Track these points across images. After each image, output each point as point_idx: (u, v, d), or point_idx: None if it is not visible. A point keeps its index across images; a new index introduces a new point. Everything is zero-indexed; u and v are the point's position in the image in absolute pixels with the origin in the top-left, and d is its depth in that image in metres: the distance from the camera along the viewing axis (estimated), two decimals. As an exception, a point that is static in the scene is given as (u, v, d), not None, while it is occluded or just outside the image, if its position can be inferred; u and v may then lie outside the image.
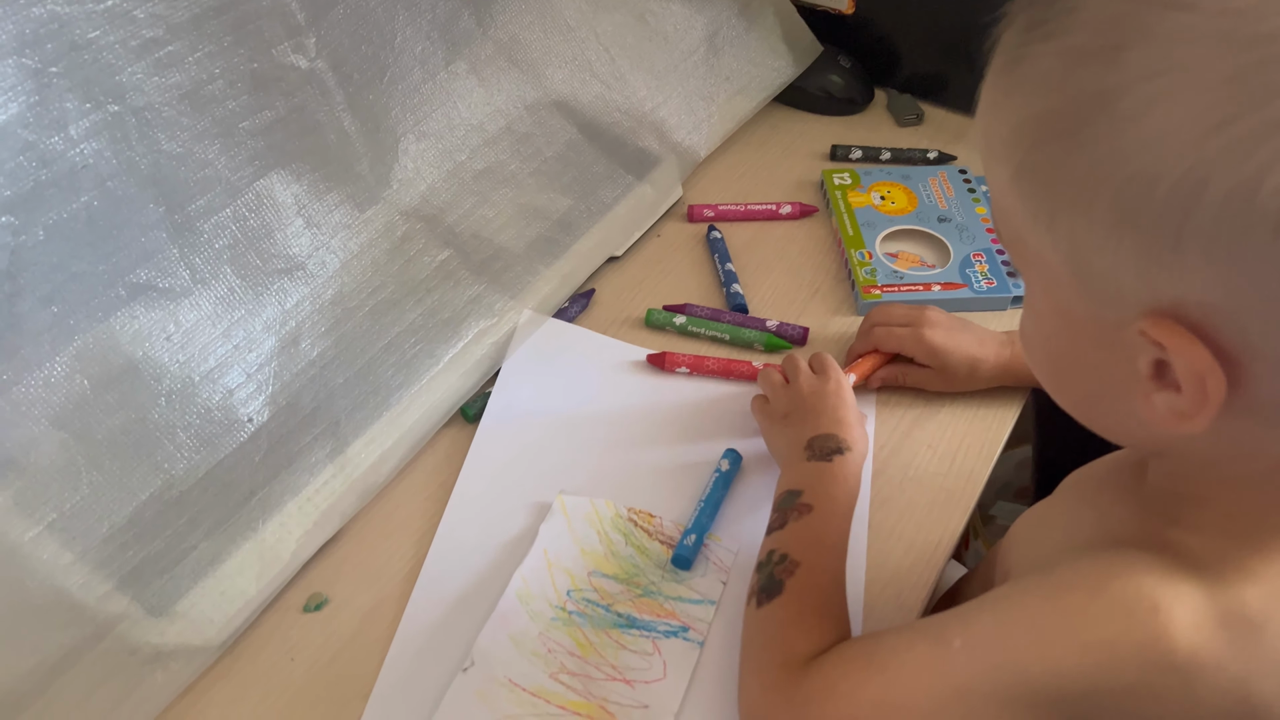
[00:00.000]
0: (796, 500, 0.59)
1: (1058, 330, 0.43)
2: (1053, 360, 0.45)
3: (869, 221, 0.84)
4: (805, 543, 0.57)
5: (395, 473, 0.66)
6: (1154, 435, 0.42)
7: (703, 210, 0.88)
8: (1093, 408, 0.45)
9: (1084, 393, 0.45)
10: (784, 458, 0.64)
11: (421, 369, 0.69)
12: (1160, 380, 0.38)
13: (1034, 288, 0.44)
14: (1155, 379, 0.38)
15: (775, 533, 0.58)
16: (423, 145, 0.74)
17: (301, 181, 0.65)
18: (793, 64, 0.98)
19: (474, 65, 0.77)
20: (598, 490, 0.66)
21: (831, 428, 0.62)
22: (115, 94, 0.54)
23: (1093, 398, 0.44)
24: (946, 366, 0.70)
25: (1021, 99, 0.39)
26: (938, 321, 0.71)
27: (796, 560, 0.55)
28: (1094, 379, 0.43)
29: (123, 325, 0.57)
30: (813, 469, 0.60)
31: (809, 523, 0.57)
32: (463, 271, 0.73)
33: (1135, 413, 0.40)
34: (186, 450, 0.58)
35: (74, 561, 0.53)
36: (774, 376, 0.69)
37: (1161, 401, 0.38)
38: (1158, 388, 0.38)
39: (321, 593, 0.61)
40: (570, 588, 0.60)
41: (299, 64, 0.63)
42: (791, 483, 0.60)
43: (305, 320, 0.65)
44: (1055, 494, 0.57)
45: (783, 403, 0.67)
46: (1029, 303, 0.46)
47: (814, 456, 0.61)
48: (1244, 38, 0.32)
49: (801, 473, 0.61)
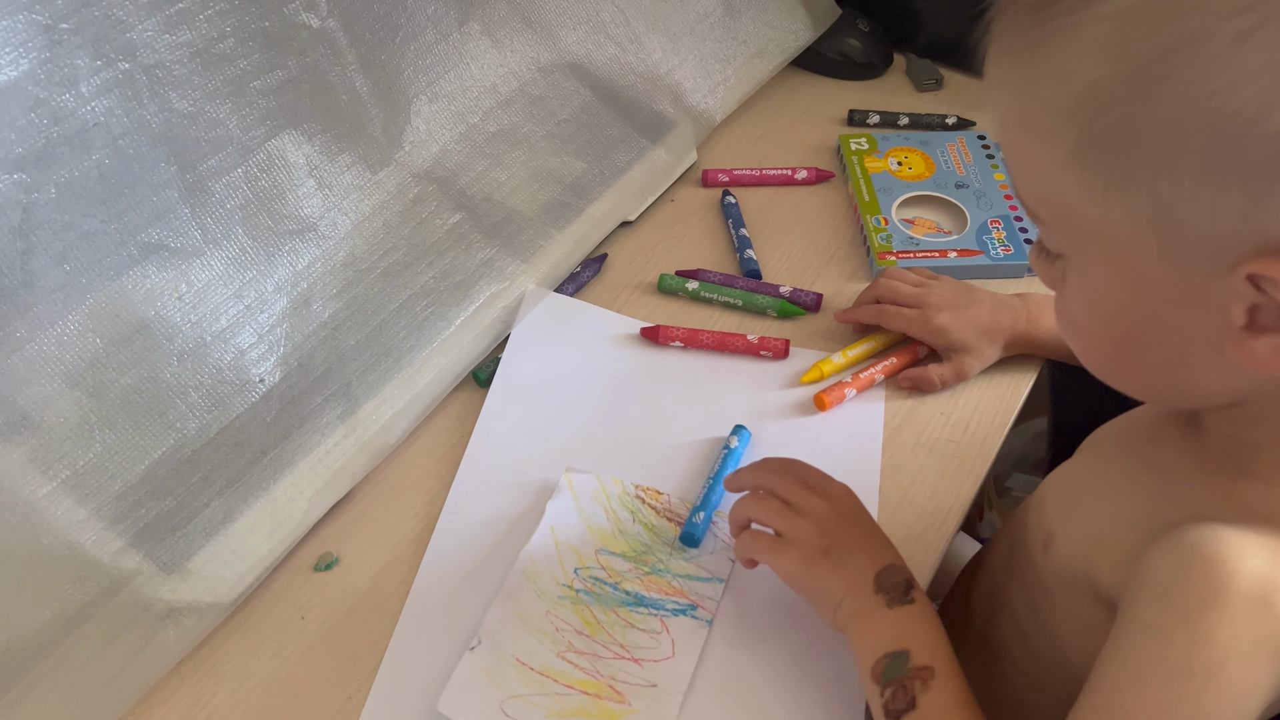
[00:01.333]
0: (909, 665, 0.50)
1: (1124, 305, 0.42)
2: (1117, 340, 0.44)
3: (885, 187, 0.83)
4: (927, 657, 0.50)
5: (407, 434, 0.67)
6: (1234, 386, 0.43)
7: (717, 175, 0.87)
8: (1165, 378, 0.44)
9: (1155, 364, 0.44)
10: (846, 604, 0.53)
11: (433, 332, 0.69)
12: (1253, 328, 0.39)
13: (1092, 265, 0.43)
14: (1249, 327, 0.39)
15: (908, 715, 0.49)
16: (435, 107, 0.74)
17: (313, 142, 0.65)
18: (810, 27, 0.96)
19: (487, 26, 0.77)
20: (604, 467, 0.65)
21: (888, 555, 0.54)
22: (126, 51, 0.54)
23: (1166, 368, 0.44)
24: (954, 346, 0.69)
25: (1064, 74, 0.38)
26: (943, 302, 0.70)
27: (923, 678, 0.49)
28: (1168, 346, 0.42)
29: (135, 284, 0.57)
30: (902, 616, 0.52)
31: (942, 691, 0.49)
32: (475, 235, 0.73)
33: (1214, 368, 0.41)
34: (199, 410, 0.59)
35: (88, 518, 0.54)
36: (773, 504, 0.57)
37: (1264, 345, 0.39)
38: (1253, 335, 0.39)
39: (332, 552, 0.61)
40: (578, 565, 0.60)
41: (310, 22, 0.62)
42: (888, 641, 0.51)
43: (317, 282, 0.65)
44: (1083, 452, 0.57)
45: (811, 533, 0.55)
46: (1084, 286, 0.44)
47: (894, 600, 0.52)
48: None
49: (891, 624, 0.52)
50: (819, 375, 0.71)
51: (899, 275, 0.73)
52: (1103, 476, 0.54)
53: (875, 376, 0.70)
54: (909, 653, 0.50)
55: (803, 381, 0.71)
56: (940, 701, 0.49)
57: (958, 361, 0.70)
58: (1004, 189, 0.83)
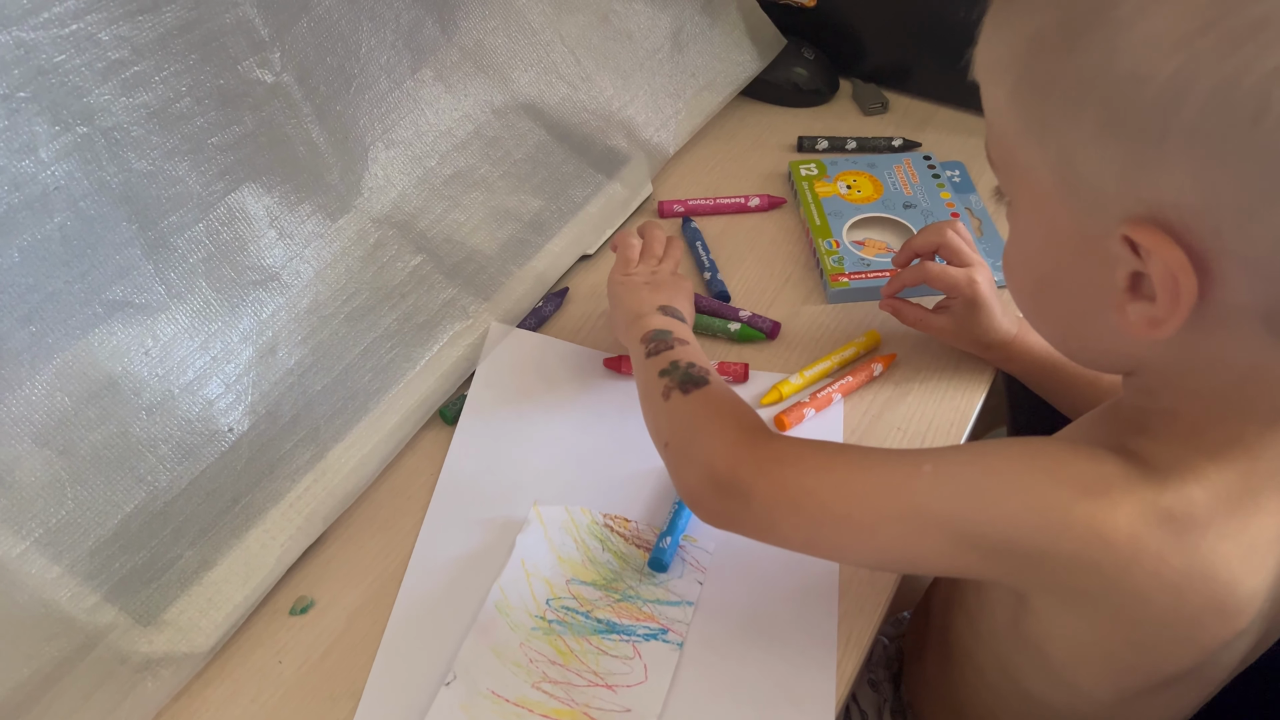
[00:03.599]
0: (670, 337, 0.63)
1: (1041, 249, 0.46)
2: (1034, 281, 0.48)
3: (836, 210, 0.86)
4: (698, 359, 0.61)
5: (376, 476, 0.68)
6: (1127, 351, 0.46)
7: (673, 206, 0.89)
8: (1070, 328, 0.48)
9: (1062, 313, 0.48)
10: (637, 311, 0.67)
11: (398, 373, 0.70)
12: (1135, 293, 0.42)
13: (1022, 208, 0.46)
14: (1130, 291, 0.42)
15: (664, 353, 0.61)
16: (392, 153, 0.75)
17: (273, 193, 0.66)
18: (757, 58, 0.99)
19: (440, 72, 0.79)
20: (573, 498, 0.67)
21: (681, 303, 0.68)
22: (84, 116, 0.55)
23: (1071, 318, 0.47)
24: (977, 321, 0.70)
25: (1020, 19, 0.42)
26: (989, 276, 0.71)
27: (704, 367, 0.60)
28: (1074, 297, 0.46)
29: (101, 342, 0.58)
30: (672, 323, 0.65)
31: (688, 347, 0.62)
32: (436, 275, 0.75)
33: (1111, 328, 0.43)
34: (169, 462, 0.60)
35: (62, 575, 0.55)
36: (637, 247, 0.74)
37: (1135, 311, 0.42)
38: (1132, 299, 0.42)
39: (307, 595, 0.62)
40: (549, 596, 0.61)
41: (265, 78, 0.64)
42: (659, 325, 0.64)
43: (282, 330, 0.66)
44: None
45: (645, 274, 0.72)
46: (1015, 227, 0.48)
47: (668, 315, 0.66)
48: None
49: (664, 322, 0.65)
50: (778, 397, 0.73)
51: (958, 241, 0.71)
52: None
53: (833, 396, 0.72)
54: (671, 330, 0.64)
55: (762, 403, 0.73)
56: (686, 350, 0.61)
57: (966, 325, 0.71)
58: (950, 207, 0.85)
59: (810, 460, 0.51)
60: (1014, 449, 0.48)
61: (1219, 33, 0.35)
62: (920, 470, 0.48)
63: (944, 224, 0.72)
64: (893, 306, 0.74)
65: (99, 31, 0.55)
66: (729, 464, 0.53)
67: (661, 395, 0.59)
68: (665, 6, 0.94)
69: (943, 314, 0.73)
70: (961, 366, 0.75)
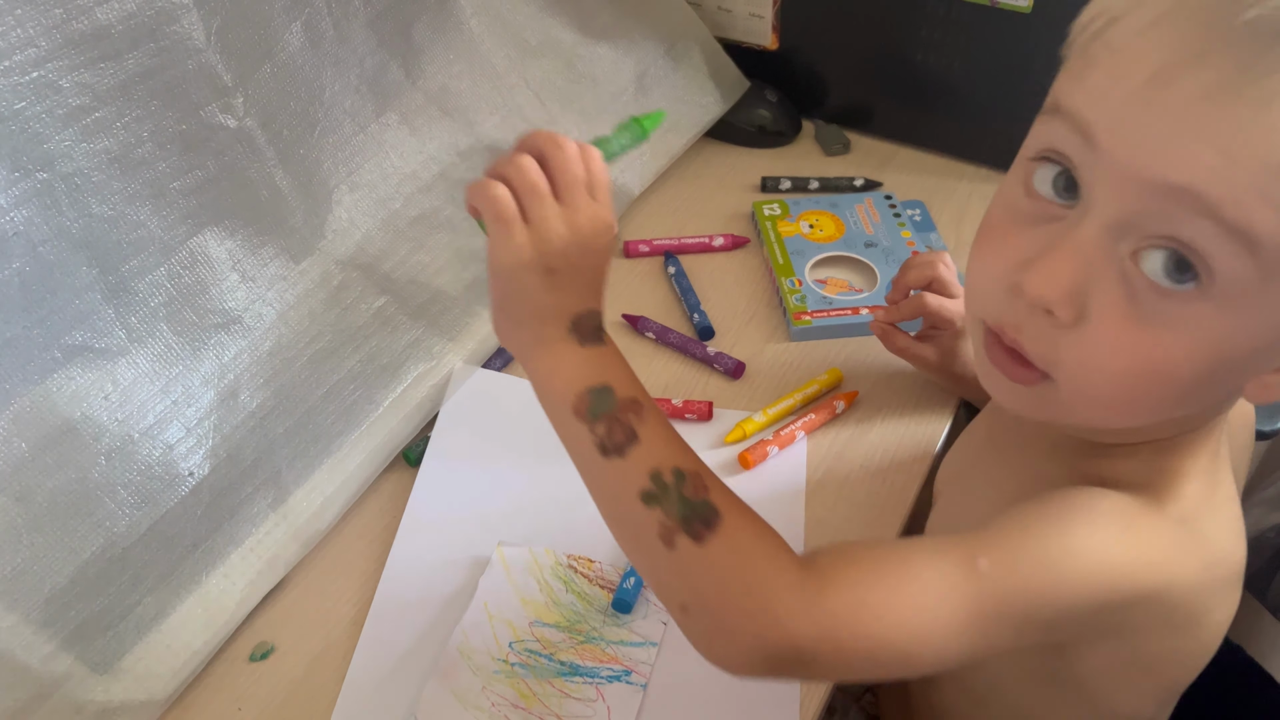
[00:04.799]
0: (615, 399, 0.48)
1: (1228, 354, 0.41)
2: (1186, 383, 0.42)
3: (798, 250, 0.87)
4: (680, 449, 0.47)
5: (338, 519, 0.68)
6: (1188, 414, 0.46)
7: (638, 245, 0.90)
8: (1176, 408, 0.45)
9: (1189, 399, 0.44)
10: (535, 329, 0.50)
11: (362, 415, 0.70)
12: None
13: (1237, 307, 0.40)
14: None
15: (629, 450, 0.47)
16: (356, 195, 0.76)
17: (235, 237, 0.67)
18: (721, 100, 1.01)
19: (405, 116, 0.79)
20: (537, 539, 0.67)
21: (595, 302, 0.51)
22: (44, 162, 0.55)
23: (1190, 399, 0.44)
24: (961, 353, 0.72)
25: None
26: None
27: (697, 471, 0.46)
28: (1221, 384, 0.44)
29: (60, 387, 0.58)
30: (595, 354, 0.50)
31: (658, 423, 0.48)
32: (400, 317, 0.75)
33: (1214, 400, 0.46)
34: (128, 507, 0.59)
35: (17, 623, 0.54)
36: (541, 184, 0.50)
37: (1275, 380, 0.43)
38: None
39: (268, 641, 0.62)
40: (512, 639, 0.61)
41: (228, 123, 0.64)
42: (585, 377, 0.49)
43: (244, 373, 0.66)
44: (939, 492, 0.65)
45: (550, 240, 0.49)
46: (1205, 321, 0.41)
47: (586, 339, 0.50)
48: None
49: (585, 362, 0.49)
50: (742, 435, 0.73)
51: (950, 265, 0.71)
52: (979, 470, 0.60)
53: (796, 433, 0.72)
54: (612, 387, 0.48)
55: (726, 441, 0.73)
56: (658, 432, 0.47)
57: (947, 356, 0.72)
58: (910, 245, 0.87)
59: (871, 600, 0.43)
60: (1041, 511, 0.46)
61: None
62: (976, 568, 0.43)
63: (933, 257, 0.71)
64: (881, 330, 0.74)
65: (60, 79, 0.55)
66: (783, 634, 0.43)
67: (659, 539, 0.45)
68: (629, 50, 0.95)
69: (927, 344, 0.73)
70: (922, 403, 0.76)
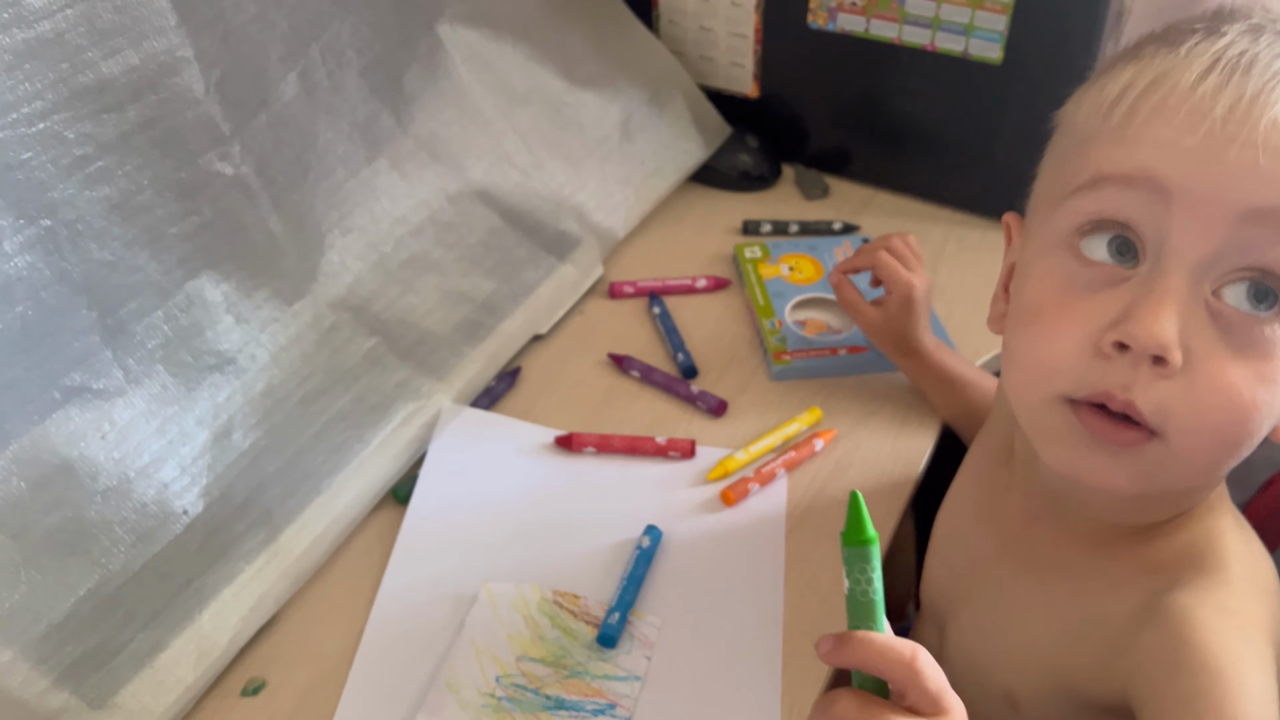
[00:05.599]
0: None
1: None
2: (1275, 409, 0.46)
3: (779, 291, 0.89)
4: None
5: (328, 555, 0.69)
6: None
7: (623, 287, 0.92)
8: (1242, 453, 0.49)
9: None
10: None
11: (351, 454, 0.71)
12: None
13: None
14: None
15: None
16: (348, 239, 0.78)
17: (230, 280, 0.68)
18: (703, 146, 1.03)
19: (395, 161, 0.82)
20: (523, 575, 0.68)
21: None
22: (48, 209, 0.57)
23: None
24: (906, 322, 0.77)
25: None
26: (927, 285, 0.78)
27: None
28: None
29: (58, 427, 0.59)
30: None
31: None
32: (390, 357, 0.77)
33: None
34: (123, 545, 0.60)
35: (13, 659, 0.55)
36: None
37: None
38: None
39: (259, 676, 0.63)
40: (499, 674, 0.62)
41: (224, 170, 0.66)
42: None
43: (237, 413, 0.68)
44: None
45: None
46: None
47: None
48: None
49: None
50: (724, 472, 0.75)
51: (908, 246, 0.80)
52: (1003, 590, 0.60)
53: (776, 471, 0.74)
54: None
55: (709, 478, 0.75)
56: None
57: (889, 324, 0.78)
58: (887, 288, 0.89)
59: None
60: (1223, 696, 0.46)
61: None
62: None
63: (880, 243, 0.80)
64: (837, 281, 0.81)
65: (65, 129, 0.57)
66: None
67: None
68: (614, 97, 0.98)
69: (876, 307, 0.79)
70: (900, 441, 0.78)
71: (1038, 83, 0.90)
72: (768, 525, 0.72)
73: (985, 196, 0.99)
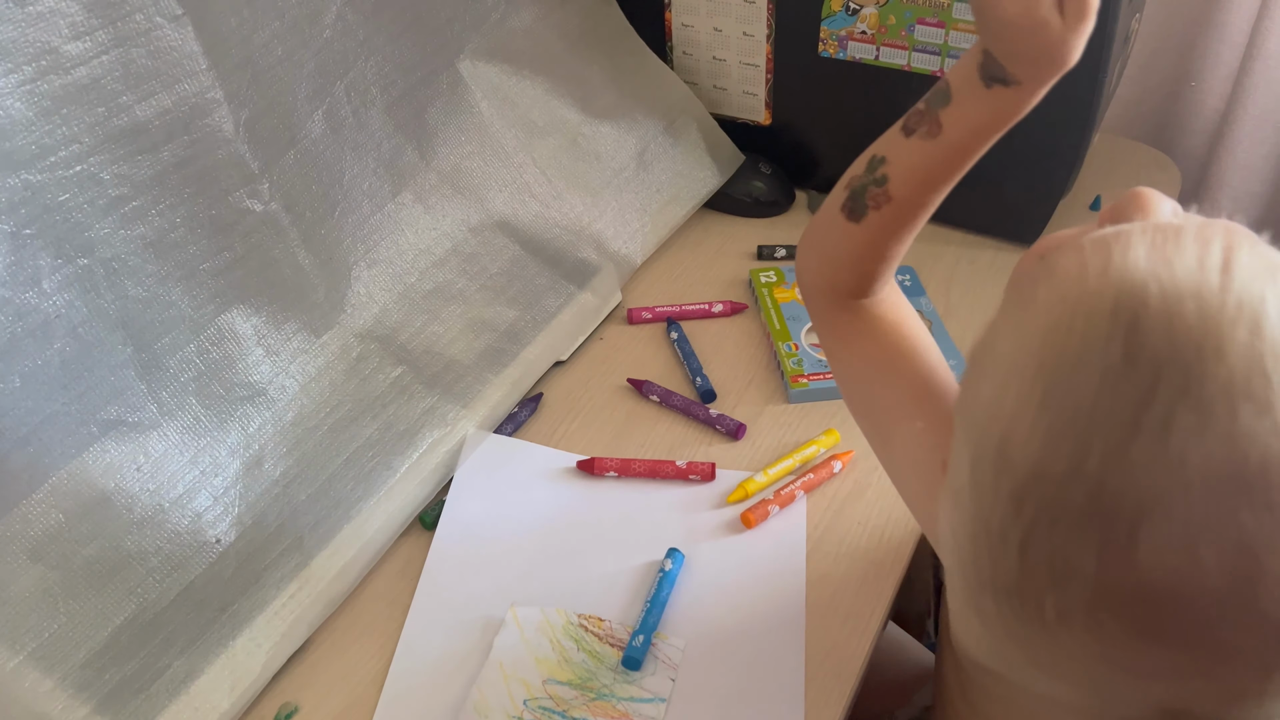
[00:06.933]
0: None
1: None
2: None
3: (794, 315, 0.90)
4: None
5: (358, 581, 0.70)
6: None
7: (641, 313, 0.94)
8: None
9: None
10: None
11: (380, 481, 0.73)
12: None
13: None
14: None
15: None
16: (374, 271, 0.80)
17: (261, 314, 0.70)
18: (718, 173, 1.05)
19: (419, 195, 0.84)
20: (549, 599, 0.69)
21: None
22: (85, 249, 0.59)
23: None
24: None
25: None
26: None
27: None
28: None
29: (95, 459, 0.61)
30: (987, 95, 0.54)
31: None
32: (416, 385, 0.78)
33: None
34: (158, 574, 0.62)
35: (54, 688, 0.56)
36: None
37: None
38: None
39: (292, 702, 0.64)
40: (526, 697, 0.63)
41: (254, 207, 0.68)
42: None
43: (268, 443, 0.69)
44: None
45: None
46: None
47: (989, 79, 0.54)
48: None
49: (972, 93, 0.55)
50: (744, 495, 0.76)
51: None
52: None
53: (795, 493, 0.75)
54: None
55: (729, 501, 0.76)
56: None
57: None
58: (903, 310, 0.90)
59: None
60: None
61: None
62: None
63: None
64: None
65: (101, 171, 0.59)
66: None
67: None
68: (631, 129, 1.00)
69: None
70: (918, 461, 0.78)
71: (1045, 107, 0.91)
72: (788, 547, 0.73)
73: (996, 219, 1.00)
